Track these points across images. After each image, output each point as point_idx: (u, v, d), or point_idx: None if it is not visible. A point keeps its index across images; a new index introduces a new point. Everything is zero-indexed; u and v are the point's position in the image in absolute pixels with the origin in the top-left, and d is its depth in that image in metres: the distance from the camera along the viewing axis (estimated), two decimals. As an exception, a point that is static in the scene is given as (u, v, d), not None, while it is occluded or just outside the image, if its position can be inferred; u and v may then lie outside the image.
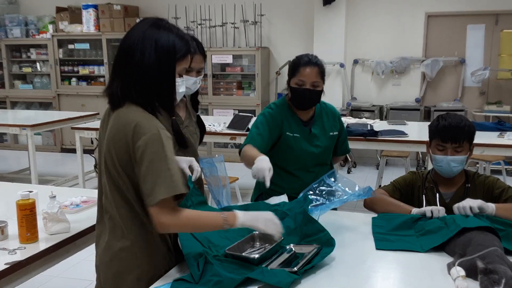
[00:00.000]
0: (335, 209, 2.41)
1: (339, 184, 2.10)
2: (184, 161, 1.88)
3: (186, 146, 2.30)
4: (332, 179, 2.12)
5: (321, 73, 2.38)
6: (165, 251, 1.69)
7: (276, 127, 2.41)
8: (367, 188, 2.00)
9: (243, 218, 1.60)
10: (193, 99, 2.44)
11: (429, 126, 2.21)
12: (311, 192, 2.07)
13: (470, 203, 1.94)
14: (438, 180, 2.21)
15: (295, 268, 1.56)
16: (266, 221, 1.63)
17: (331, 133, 2.48)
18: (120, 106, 1.58)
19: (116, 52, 1.61)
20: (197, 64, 2.23)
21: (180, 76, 1.65)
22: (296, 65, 2.38)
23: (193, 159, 1.90)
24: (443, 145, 2.11)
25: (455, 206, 1.97)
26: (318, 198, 2.05)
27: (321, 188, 2.09)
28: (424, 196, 2.20)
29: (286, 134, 2.41)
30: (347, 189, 2.08)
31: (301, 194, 2.08)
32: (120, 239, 1.62)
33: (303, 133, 2.43)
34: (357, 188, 2.06)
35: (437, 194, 2.18)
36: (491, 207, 1.95)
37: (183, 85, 1.69)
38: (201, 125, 2.46)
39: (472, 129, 2.12)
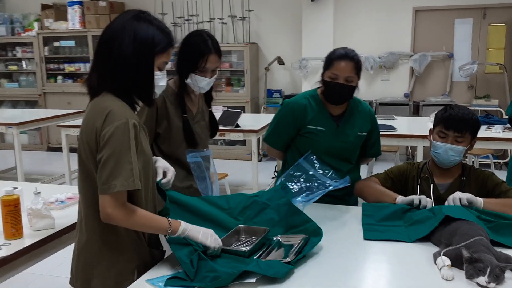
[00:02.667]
0: (326, 202, 2.41)
1: (314, 169, 2.14)
2: (161, 164, 1.85)
3: (195, 145, 2.29)
4: (308, 163, 2.16)
5: (357, 68, 2.28)
6: (135, 245, 1.67)
7: (294, 124, 2.38)
8: (346, 178, 2.05)
9: (185, 226, 1.63)
10: (207, 94, 2.43)
11: (436, 113, 2.21)
12: (288, 182, 2.08)
13: (460, 195, 1.95)
14: (434, 171, 2.20)
15: (288, 259, 1.57)
16: (206, 234, 1.64)
17: (359, 133, 2.40)
18: (97, 95, 1.61)
19: (97, 43, 1.63)
20: (212, 64, 2.21)
21: (160, 70, 1.64)
22: (331, 58, 2.29)
23: (170, 168, 1.85)
24: (445, 132, 2.11)
25: (446, 202, 1.98)
26: (296, 184, 2.07)
27: (297, 173, 2.12)
28: (418, 186, 2.19)
29: (307, 127, 2.36)
30: (322, 174, 2.12)
31: (278, 182, 2.09)
32: (85, 232, 1.66)
33: (330, 127, 2.36)
34: (331, 172, 2.13)
35: (432, 185, 2.17)
36: (479, 201, 1.96)
37: (164, 79, 1.67)
38: (213, 121, 2.44)
39: (477, 123, 2.12)
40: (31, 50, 7.95)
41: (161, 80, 1.65)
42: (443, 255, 1.57)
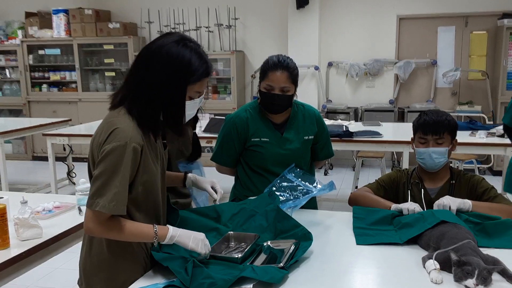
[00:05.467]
0: (315, 208, 2.43)
1: (299, 179, 2.16)
2: (208, 182, 1.94)
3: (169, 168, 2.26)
4: (293, 174, 2.18)
5: (292, 77, 2.24)
6: (141, 257, 1.66)
7: (239, 139, 2.35)
8: (330, 182, 2.08)
9: (173, 233, 1.59)
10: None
11: (413, 122, 2.27)
12: (274, 188, 2.11)
13: (450, 202, 1.97)
14: (424, 176, 2.24)
15: (282, 264, 1.58)
16: (196, 240, 1.60)
17: (305, 137, 2.37)
18: (114, 108, 1.59)
19: (133, 62, 1.59)
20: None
21: (191, 98, 1.59)
22: (265, 68, 2.26)
23: (215, 180, 1.93)
24: (424, 137, 2.17)
25: (435, 204, 2.00)
26: (282, 193, 2.10)
27: (283, 184, 2.14)
28: (409, 192, 2.22)
29: (251, 140, 2.33)
30: (307, 183, 2.14)
31: (265, 190, 2.10)
32: (96, 240, 1.64)
33: (274, 137, 2.34)
34: (317, 181, 2.15)
35: (422, 190, 2.20)
36: (468, 204, 1.99)
37: (193, 108, 1.62)
38: (196, 144, 2.38)
39: (453, 123, 2.19)
40: (15, 59, 7.87)
41: (190, 109, 1.60)
42: (431, 258, 1.59)
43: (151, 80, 1.52)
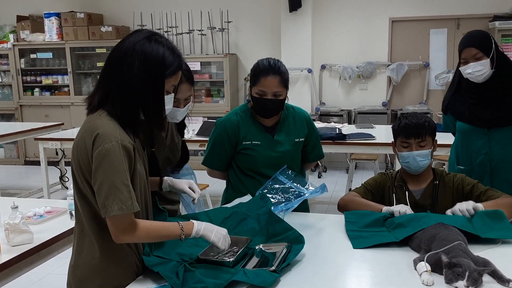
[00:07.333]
0: (307, 211, 2.43)
1: (291, 181, 2.16)
2: (185, 183, 1.92)
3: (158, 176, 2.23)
4: (285, 176, 2.18)
5: (283, 81, 2.24)
6: (133, 261, 1.65)
7: (230, 142, 2.35)
8: (322, 185, 2.07)
9: (198, 227, 1.63)
10: (179, 123, 2.26)
11: (392, 127, 2.29)
12: (266, 190, 2.11)
13: (465, 207, 1.95)
14: (407, 179, 2.26)
15: (273, 267, 1.58)
16: (218, 234, 1.66)
17: (296, 140, 2.39)
18: (93, 112, 1.57)
19: (105, 62, 1.58)
20: (183, 94, 2.02)
21: (168, 93, 1.60)
22: (257, 73, 2.25)
23: (191, 181, 1.92)
24: (407, 141, 2.18)
25: (449, 211, 1.98)
26: (274, 196, 2.10)
27: (275, 186, 2.14)
28: (394, 195, 2.23)
29: (243, 144, 2.34)
30: (299, 185, 2.15)
31: (257, 193, 2.10)
32: (87, 245, 1.61)
33: (265, 140, 2.34)
34: (308, 183, 2.16)
35: (407, 192, 2.21)
36: (480, 207, 1.98)
37: (170, 102, 1.63)
38: (184, 151, 2.33)
39: (432, 124, 2.21)
40: (7, 62, 7.83)
41: (167, 103, 1.61)
42: (423, 260, 1.60)
43: (129, 78, 1.51)
